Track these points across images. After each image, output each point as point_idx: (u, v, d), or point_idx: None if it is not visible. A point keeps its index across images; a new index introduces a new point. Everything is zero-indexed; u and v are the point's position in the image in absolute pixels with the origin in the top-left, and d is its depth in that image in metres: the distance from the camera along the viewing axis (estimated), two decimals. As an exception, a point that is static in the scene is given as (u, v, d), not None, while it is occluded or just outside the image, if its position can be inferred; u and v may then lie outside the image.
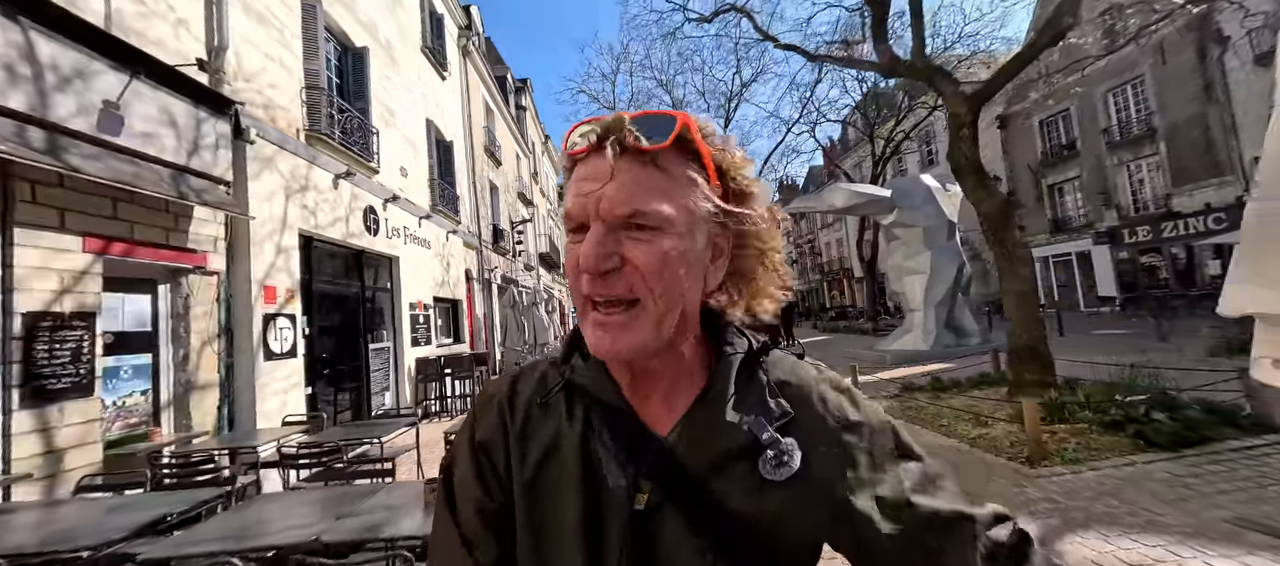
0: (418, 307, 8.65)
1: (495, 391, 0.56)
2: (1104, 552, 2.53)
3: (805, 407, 0.51)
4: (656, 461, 0.48)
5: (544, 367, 0.57)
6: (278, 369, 5.03)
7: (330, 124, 6.33)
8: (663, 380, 0.51)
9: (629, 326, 0.45)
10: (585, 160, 0.47)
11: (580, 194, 0.46)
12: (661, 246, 0.45)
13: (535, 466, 0.50)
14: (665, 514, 0.46)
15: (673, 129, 0.46)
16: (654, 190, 0.45)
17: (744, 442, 0.48)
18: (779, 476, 0.47)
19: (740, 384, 0.51)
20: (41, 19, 3.20)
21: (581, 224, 0.47)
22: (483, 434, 0.53)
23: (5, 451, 2.94)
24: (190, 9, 4.60)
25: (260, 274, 4.91)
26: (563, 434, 0.51)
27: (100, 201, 3.56)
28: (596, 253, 0.44)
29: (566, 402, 0.52)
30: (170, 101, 4.05)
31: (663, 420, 0.51)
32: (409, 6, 10.01)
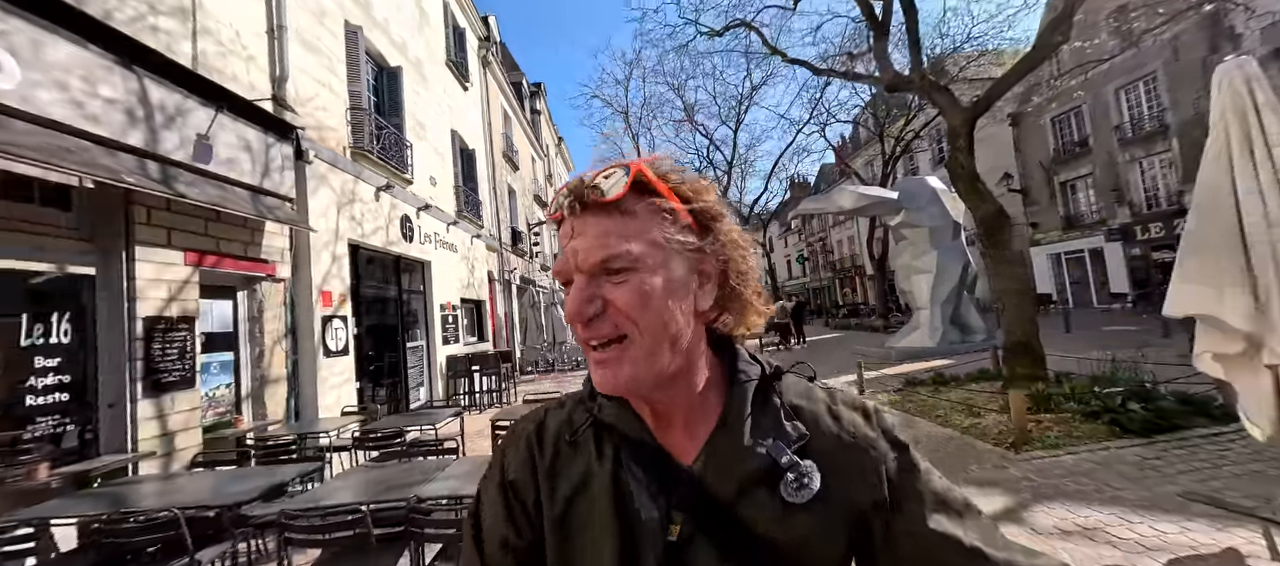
0: (447, 308, 9.23)
1: (523, 430, 0.58)
2: (1065, 519, 2.95)
3: (820, 428, 0.52)
4: (686, 492, 0.49)
5: (570, 407, 0.59)
6: (334, 365, 5.61)
7: (371, 140, 6.90)
8: (680, 410, 0.53)
9: (621, 360, 0.47)
10: (561, 223, 0.51)
11: (561, 252, 0.50)
12: (637, 283, 0.47)
13: (565, 502, 0.52)
14: (697, 544, 0.48)
15: (628, 178, 0.48)
16: (620, 235, 0.48)
17: (764, 467, 0.49)
18: (801, 499, 0.48)
19: (756, 409, 0.52)
20: (149, 66, 3.76)
21: (568, 279, 0.50)
22: (512, 473, 0.55)
23: (133, 432, 3.52)
24: (258, 46, 5.17)
25: (318, 280, 5.48)
26: (593, 470, 0.52)
27: (196, 221, 4.14)
28: (579, 301, 0.47)
29: (595, 440, 0.54)
30: (246, 130, 4.61)
31: (686, 450, 0.52)
32: (435, 24, 10.58)
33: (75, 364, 3.40)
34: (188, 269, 4.03)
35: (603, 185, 0.48)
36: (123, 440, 3.48)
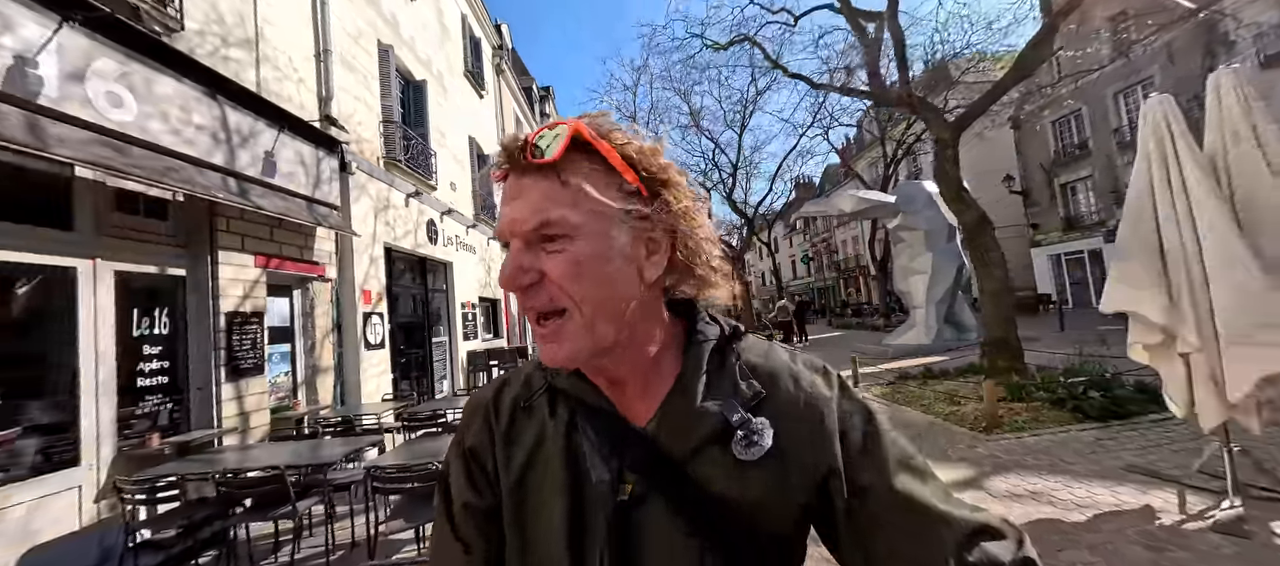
0: (467, 306, 9.81)
1: (481, 398, 0.58)
2: (1017, 485, 3.46)
3: (777, 387, 0.52)
4: (638, 453, 0.49)
5: (528, 371, 0.58)
6: (372, 357, 6.19)
7: (401, 150, 7.48)
8: (634, 376, 0.52)
9: (560, 334, 0.46)
10: (504, 184, 0.49)
11: (500, 216, 0.48)
12: (573, 254, 0.45)
13: (521, 467, 0.52)
14: (649, 503, 0.48)
15: (564, 138, 0.46)
16: (557, 200, 0.46)
17: (717, 426, 0.49)
18: (751, 456, 0.48)
19: (712, 369, 0.52)
20: (228, 94, 4.33)
21: (506, 242, 0.48)
22: (471, 440, 0.56)
23: (218, 411, 4.10)
24: (307, 69, 5.74)
25: (360, 280, 6.06)
26: (547, 434, 0.53)
27: (263, 228, 4.72)
28: (512, 268, 0.46)
29: (549, 404, 0.54)
30: (301, 146, 5.18)
31: (640, 413, 0.52)
32: (454, 36, 11.15)
33: (171, 352, 3.98)
34: (257, 270, 4.60)
35: (540, 144, 0.46)
36: (209, 418, 4.06)
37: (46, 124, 2.90)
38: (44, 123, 2.89)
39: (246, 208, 4.19)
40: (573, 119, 0.48)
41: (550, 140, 0.46)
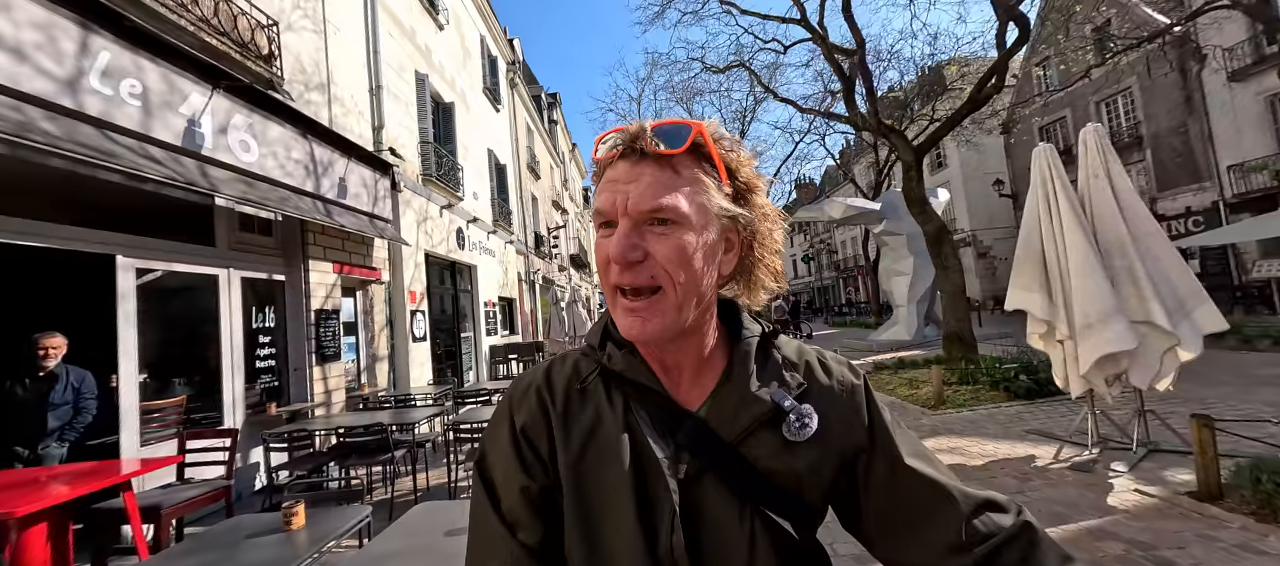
0: (489, 305, 10.84)
1: (531, 380, 0.60)
2: (941, 443, 4.43)
3: (814, 378, 0.59)
4: (693, 434, 0.54)
5: (576, 357, 0.62)
6: (417, 350, 7.20)
7: (435, 167, 8.49)
8: (689, 362, 0.57)
9: (653, 310, 0.51)
10: (613, 164, 0.53)
11: (609, 192, 0.52)
12: (679, 239, 0.50)
13: (580, 446, 0.55)
14: (705, 479, 0.53)
15: (688, 136, 0.52)
16: (672, 189, 0.51)
17: (768, 411, 0.54)
18: (802, 436, 0.54)
19: (758, 363, 0.58)
20: (315, 133, 5.33)
21: (610, 220, 0.52)
22: (522, 420, 0.57)
23: (310, 388, 5.11)
24: (364, 104, 6.76)
25: (407, 283, 7.08)
26: (603, 415, 0.56)
27: (338, 240, 5.73)
28: (624, 244, 0.50)
29: (604, 387, 0.57)
30: (363, 171, 6.19)
31: (691, 399, 0.57)
32: (474, 57, 12.16)
33: (275, 341, 5.00)
34: (335, 276, 5.62)
35: (664, 137, 0.51)
36: (303, 393, 5.08)
37: (212, 170, 3.92)
38: (211, 169, 3.91)
39: (330, 225, 5.21)
40: (694, 121, 0.53)
41: (674, 135, 0.52)
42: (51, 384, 3.15)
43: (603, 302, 0.66)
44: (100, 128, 3.20)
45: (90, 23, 3.21)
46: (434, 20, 9.53)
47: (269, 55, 4.89)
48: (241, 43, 4.54)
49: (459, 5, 11.22)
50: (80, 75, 3.15)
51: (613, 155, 0.53)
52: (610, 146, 0.54)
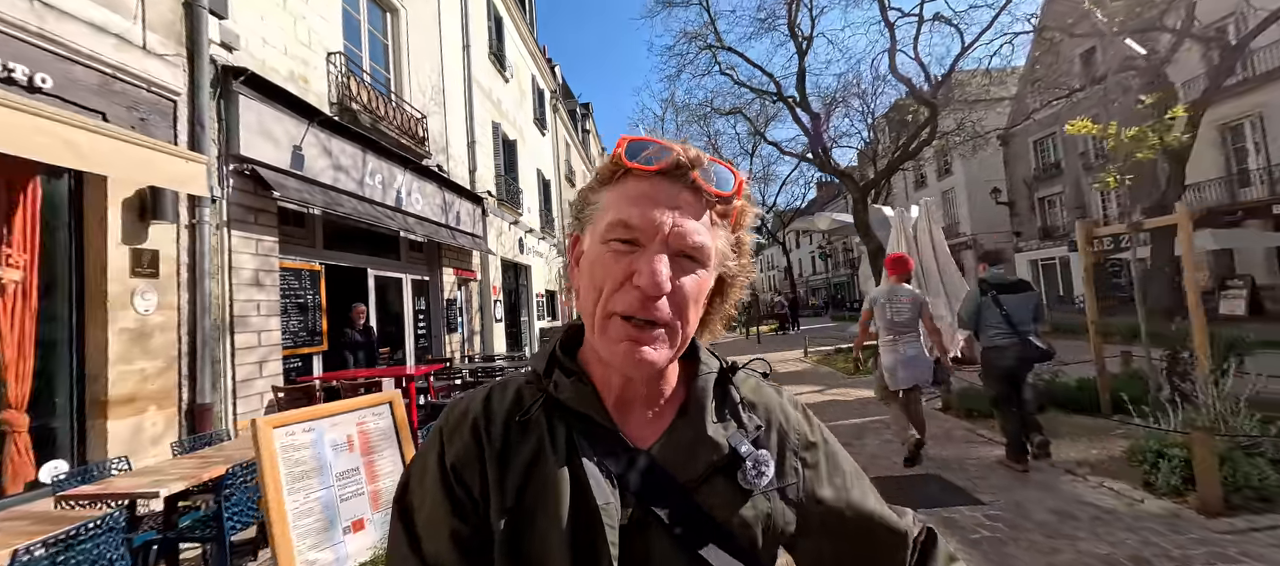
0: (539, 297, 13.74)
1: (467, 410, 0.55)
2: (828, 392, 7.01)
3: (771, 422, 0.57)
4: (643, 476, 0.50)
5: (519, 384, 0.56)
6: (498, 328, 10.11)
7: (506, 193, 11.34)
8: (649, 398, 0.54)
9: (661, 344, 0.48)
10: (650, 178, 0.49)
11: (645, 210, 0.48)
12: (697, 278, 0.49)
13: (516, 488, 0.49)
14: (653, 526, 0.49)
15: (733, 185, 0.51)
16: (706, 227, 0.49)
17: (725, 456, 0.52)
18: (758, 485, 0.51)
19: (716, 401, 0.55)
20: (441, 184, 8.19)
21: (636, 239, 0.48)
22: (454, 456, 0.52)
23: (447, 349, 8.03)
24: (463, 154, 9.62)
25: (491, 281, 9.97)
26: (544, 451, 0.51)
27: (454, 253, 8.63)
28: (663, 276, 0.46)
29: (547, 419, 0.53)
30: (466, 204, 9.05)
31: (642, 435, 0.53)
32: (527, 94, 14.97)
33: (425, 318, 7.93)
34: (453, 278, 8.52)
35: (715, 175, 0.50)
36: (441, 350, 8.00)
37: (400, 217, 6.80)
38: (406, 218, 6.79)
39: (452, 244, 8.09)
40: (738, 171, 0.52)
41: (725, 178, 0.50)
42: (360, 330, 6.01)
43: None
44: (359, 199, 6.08)
45: (372, 153, 6.11)
46: (502, 76, 12.35)
47: (422, 138, 7.76)
48: (410, 133, 7.40)
49: (517, 55, 14.02)
50: (363, 173, 6.04)
51: (649, 169, 0.49)
52: (648, 160, 0.49)
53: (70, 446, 3.35)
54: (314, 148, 5.27)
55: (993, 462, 3.90)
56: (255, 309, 4.52)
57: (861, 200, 9.34)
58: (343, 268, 6.17)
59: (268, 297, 4.68)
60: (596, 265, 0.49)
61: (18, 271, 3.06)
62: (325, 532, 1.74)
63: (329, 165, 5.51)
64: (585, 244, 0.53)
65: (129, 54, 3.64)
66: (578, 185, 17.67)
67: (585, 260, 0.52)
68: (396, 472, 2.08)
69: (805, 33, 10.77)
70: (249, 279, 4.48)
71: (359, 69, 6.61)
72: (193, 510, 2.94)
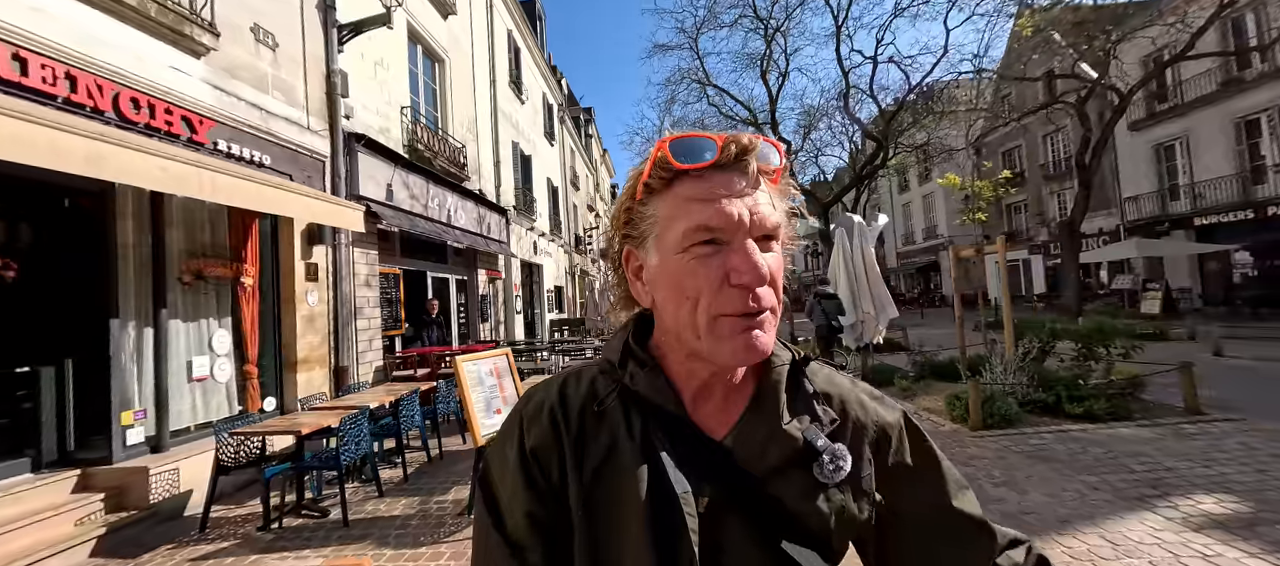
0: (549, 292, 15.61)
1: (545, 397, 0.56)
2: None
3: (847, 413, 0.56)
4: (718, 466, 0.50)
5: (592, 375, 0.57)
6: (517, 319, 11.99)
7: (522, 201, 13.18)
8: (718, 387, 0.53)
9: (769, 328, 0.48)
10: (706, 175, 0.48)
11: (719, 206, 0.47)
12: (778, 257, 0.49)
13: (594, 471, 0.51)
14: (728, 516, 0.49)
15: (779, 157, 0.50)
16: (778, 206, 0.50)
17: (800, 449, 0.51)
18: (835, 479, 0.50)
19: (789, 393, 0.54)
20: (474, 200, 10.03)
21: (719, 238, 0.47)
22: (533, 441, 0.53)
23: (482, 335, 9.92)
24: (491, 173, 11.45)
25: (513, 279, 11.83)
26: (620, 440, 0.52)
27: (485, 256, 10.49)
28: (760, 265, 0.46)
29: (623, 409, 0.54)
30: (492, 215, 10.89)
31: (716, 426, 0.53)
32: (539, 110, 16.74)
33: (464, 310, 9.81)
34: (485, 277, 10.39)
35: (769, 155, 0.50)
36: (479, 337, 9.88)
37: (450, 231, 8.67)
38: (454, 231, 8.66)
39: (485, 250, 9.95)
40: (771, 140, 0.51)
41: (774, 155, 0.50)
42: (435, 319, 7.88)
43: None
44: (425, 219, 7.92)
45: (432, 182, 7.97)
46: (519, 99, 14.14)
47: (462, 164, 9.59)
48: (454, 161, 9.22)
49: (531, 78, 15.79)
50: (427, 199, 7.89)
51: (703, 166, 0.48)
52: (700, 157, 0.48)
53: (275, 388, 5.23)
54: (397, 183, 7.12)
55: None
56: (367, 302, 6.39)
57: (823, 215, 11.19)
58: (411, 271, 8.03)
59: (373, 294, 6.55)
60: (685, 276, 0.48)
61: (251, 278, 4.94)
62: (486, 412, 3.60)
63: (407, 195, 7.36)
64: (649, 259, 0.52)
65: (302, 134, 5.49)
66: (580, 190, 19.48)
67: (659, 273, 0.50)
68: (513, 390, 3.93)
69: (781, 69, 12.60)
70: (363, 281, 6.35)
71: (419, 115, 8.44)
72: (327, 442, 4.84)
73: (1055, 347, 6.23)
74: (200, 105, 4.37)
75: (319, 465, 3.81)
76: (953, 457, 3.02)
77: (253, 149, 4.86)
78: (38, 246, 3.77)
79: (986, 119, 16.96)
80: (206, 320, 4.65)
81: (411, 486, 4.33)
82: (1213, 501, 3.14)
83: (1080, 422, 4.73)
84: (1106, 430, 4.52)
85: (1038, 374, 5.31)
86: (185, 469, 3.97)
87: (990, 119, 17.30)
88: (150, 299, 4.15)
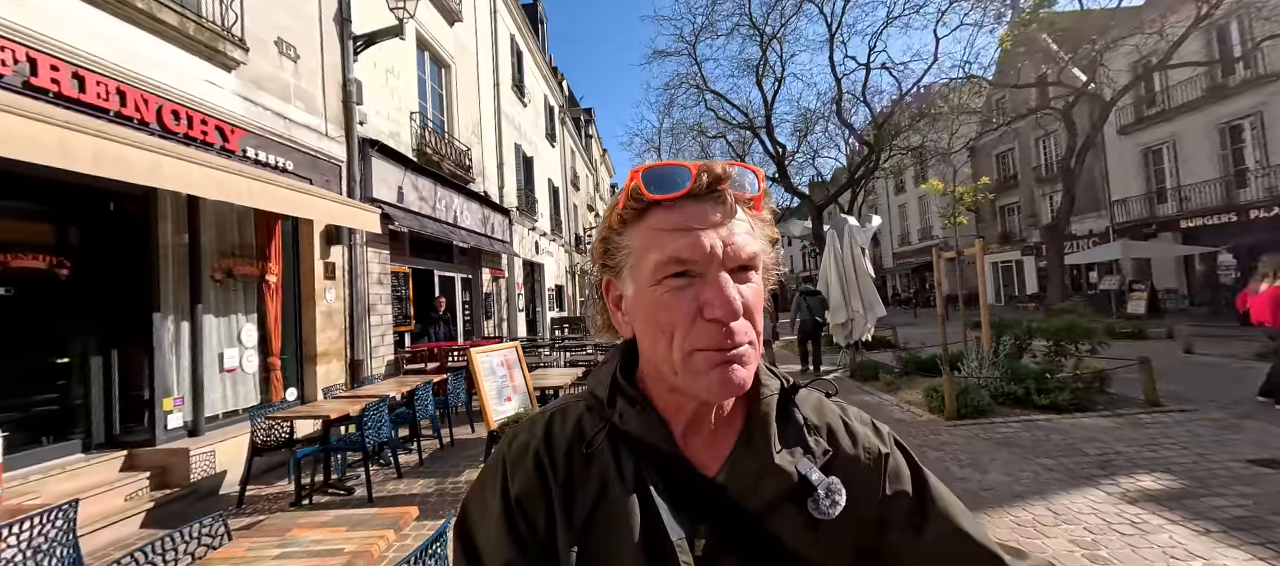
0: (550, 290, 15.96)
1: (528, 440, 0.54)
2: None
3: (838, 443, 0.54)
4: (711, 505, 0.49)
5: (579, 413, 0.55)
6: (519, 316, 12.34)
7: (524, 202, 13.51)
8: (707, 420, 0.52)
9: (747, 362, 0.46)
10: (679, 205, 0.48)
11: (692, 238, 0.46)
12: (757, 287, 0.48)
13: (584, 520, 0.49)
14: (725, 557, 0.47)
15: (758, 184, 0.49)
16: (755, 235, 0.49)
17: (794, 484, 0.49)
18: (831, 514, 0.48)
19: (779, 424, 0.52)
20: (479, 201, 10.36)
21: (691, 271, 0.46)
22: (518, 488, 0.51)
23: (484, 331, 10.27)
24: (493, 172, 11.78)
25: (516, 278, 12.17)
26: (610, 482, 0.50)
27: (489, 255, 10.84)
28: (733, 298, 0.45)
29: (612, 448, 0.52)
30: (496, 214, 11.22)
31: (707, 461, 0.51)
32: (540, 112, 17.07)
33: (469, 307, 10.15)
34: (489, 276, 10.74)
35: (744, 182, 0.49)
36: (483, 333, 10.23)
37: (456, 231, 9.01)
38: (460, 231, 9.00)
39: (489, 249, 10.29)
40: (750, 165, 0.51)
41: (752, 180, 0.49)
42: (442, 316, 8.21)
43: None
44: (433, 220, 8.26)
45: (439, 184, 8.31)
46: (521, 102, 14.47)
47: (468, 166, 9.93)
48: (460, 164, 9.56)
49: (533, 81, 16.12)
50: (435, 201, 8.23)
51: (682, 193, 0.47)
52: (673, 186, 0.47)
53: (296, 380, 5.58)
54: (408, 185, 7.46)
55: (860, 404, 6.18)
56: (380, 299, 6.74)
57: (817, 216, 11.55)
58: (419, 270, 8.37)
59: (385, 292, 6.89)
60: (658, 310, 0.47)
61: (274, 276, 5.28)
62: (498, 399, 3.95)
63: (416, 197, 7.70)
64: (626, 290, 0.51)
65: (321, 140, 5.84)
66: (581, 189, 19.86)
67: (635, 305, 0.50)
68: (522, 380, 4.28)
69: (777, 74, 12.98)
70: (376, 279, 6.69)
71: (428, 119, 8.78)
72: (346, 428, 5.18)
73: (1031, 344, 6.59)
74: (232, 115, 4.71)
75: (345, 447, 4.16)
76: (925, 444, 4.17)
77: (277, 155, 5.20)
78: (86, 246, 4.10)
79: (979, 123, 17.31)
80: (235, 315, 4.99)
81: (427, 469, 4.68)
82: (1151, 479, 3.51)
83: (1047, 413, 5.09)
84: (1069, 420, 4.89)
85: (1010, 368, 5.67)
86: (220, 451, 4.32)
87: (982, 123, 17.66)
88: (187, 295, 4.49)
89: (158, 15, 4.08)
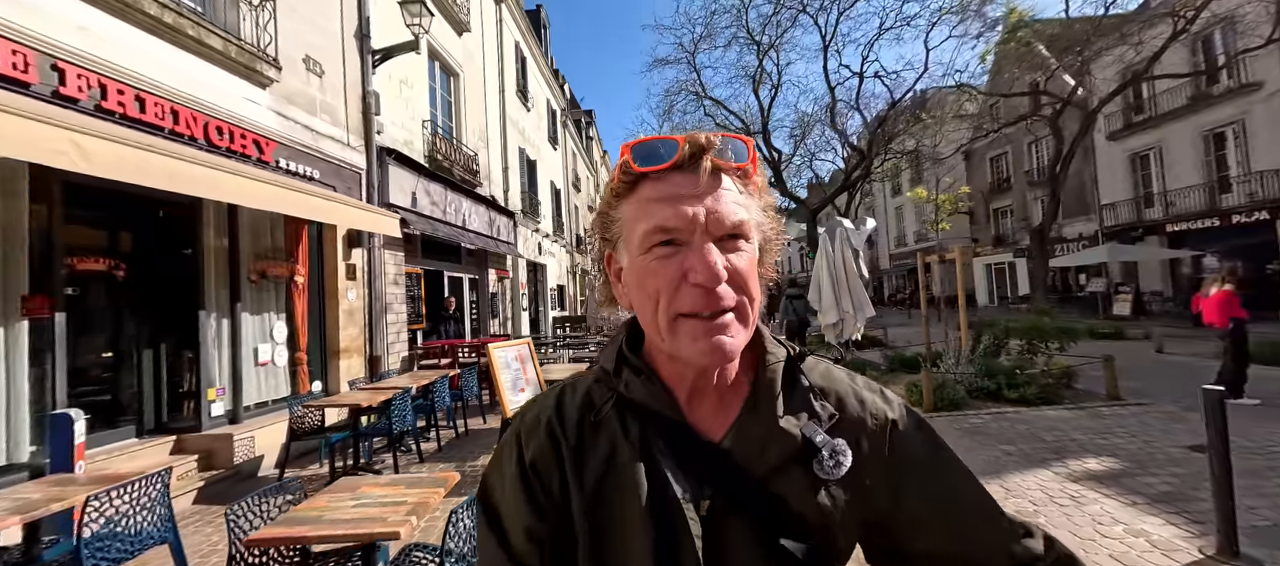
0: (552, 290, 16.38)
1: (542, 411, 0.57)
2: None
3: (845, 408, 0.55)
4: (718, 468, 0.50)
5: (588, 385, 0.58)
6: (524, 316, 12.75)
7: (528, 205, 13.93)
8: (718, 388, 0.53)
9: (734, 329, 0.47)
10: (666, 176, 0.49)
11: (676, 207, 0.47)
12: (749, 253, 0.49)
13: (595, 483, 0.51)
14: (730, 518, 0.49)
15: (748, 153, 0.51)
16: (744, 203, 0.50)
17: (799, 446, 0.51)
18: (835, 475, 0.50)
19: (785, 389, 0.54)
20: (487, 205, 10.78)
21: (676, 239, 0.48)
22: (532, 454, 0.54)
23: (491, 329, 10.68)
24: (499, 176, 12.20)
25: (520, 278, 12.58)
26: (619, 448, 0.52)
27: (495, 256, 11.25)
28: (717, 264, 0.46)
29: (619, 417, 0.54)
30: (501, 217, 11.64)
31: (713, 427, 0.53)
32: (543, 114, 17.48)
33: (476, 307, 10.57)
34: (495, 276, 11.15)
35: (733, 150, 0.50)
36: (489, 331, 10.65)
37: (465, 233, 9.43)
38: (468, 233, 9.41)
39: (495, 250, 10.71)
40: (742, 135, 0.52)
41: (740, 150, 0.50)
42: (452, 314, 8.65)
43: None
44: (444, 223, 8.68)
45: (449, 189, 8.73)
46: (525, 107, 14.88)
47: (475, 171, 10.34)
48: (468, 168, 9.97)
49: (536, 86, 16.53)
50: (445, 205, 8.64)
51: (669, 164, 0.49)
52: (658, 159, 0.49)
53: (320, 374, 6.00)
54: (421, 191, 7.87)
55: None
56: (395, 298, 7.15)
57: (811, 220, 11.97)
58: (430, 271, 8.79)
59: (400, 291, 7.31)
60: (646, 276, 0.49)
61: (302, 277, 5.69)
62: (513, 390, 4.38)
63: (428, 202, 8.12)
64: (623, 260, 0.53)
65: (343, 150, 6.25)
66: (582, 190, 20.34)
67: (630, 275, 0.52)
68: (534, 373, 4.71)
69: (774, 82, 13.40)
70: (392, 280, 7.11)
71: (438, 127, 9.19)
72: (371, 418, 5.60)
73: (1008, 343, 7.02)
74: (267, 129, 5.13)
75: (373, 433, 4.58)
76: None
77: (306, 165, 5.61)
78: (139, 250, 4.52)
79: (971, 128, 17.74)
80: (268, 313, 5.41)
81: (445, 455, 5.10)
82: (1096, 462, 3.94)
83: (1016, 406, 5.52)
84: (1035, 412, 5.32)
85: (985, 365, 6.10)
86: (259, 437, 4.73)
87: (975, 128, 18.10)
88: (227, 294, 4.91)
89: (205, 40, 4.49)
